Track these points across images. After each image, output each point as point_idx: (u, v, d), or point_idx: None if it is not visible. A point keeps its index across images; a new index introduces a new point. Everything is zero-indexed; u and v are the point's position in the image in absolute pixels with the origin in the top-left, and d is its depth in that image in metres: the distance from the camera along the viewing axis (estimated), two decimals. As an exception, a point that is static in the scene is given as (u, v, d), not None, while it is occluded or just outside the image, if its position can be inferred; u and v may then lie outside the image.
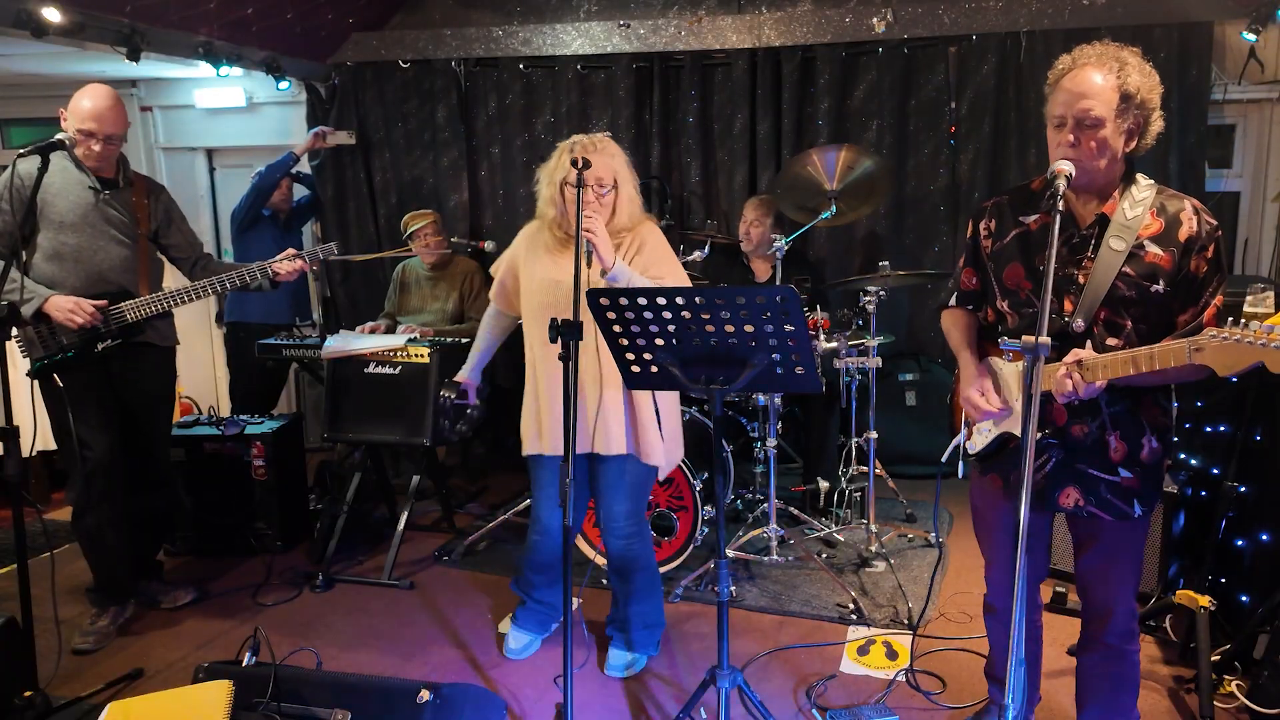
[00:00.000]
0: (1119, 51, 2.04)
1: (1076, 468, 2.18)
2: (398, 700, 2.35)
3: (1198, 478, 3.45)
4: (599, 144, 2.85)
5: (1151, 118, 2.05)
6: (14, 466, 2.71)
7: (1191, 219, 2.05)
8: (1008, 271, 2.23)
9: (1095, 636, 2.34)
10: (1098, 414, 2.14)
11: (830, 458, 4.45)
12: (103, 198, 3.29)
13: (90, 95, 3.20)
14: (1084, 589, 2.34)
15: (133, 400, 3.44)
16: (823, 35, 4.82)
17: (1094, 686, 2.39)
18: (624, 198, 2.87)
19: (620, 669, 3.11)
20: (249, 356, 4.73)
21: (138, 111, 5.81)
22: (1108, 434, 2.15)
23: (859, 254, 5.09)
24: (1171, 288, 2.05)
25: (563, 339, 2.36)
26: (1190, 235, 2.04)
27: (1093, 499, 2.18)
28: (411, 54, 5.34)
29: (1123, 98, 2.00)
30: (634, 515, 3.02)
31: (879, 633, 3.34)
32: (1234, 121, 4.71)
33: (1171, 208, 2.07)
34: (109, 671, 3.13)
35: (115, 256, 3.31)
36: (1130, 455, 2.15)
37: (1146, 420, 2.15)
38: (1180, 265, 2.04)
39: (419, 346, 3.87)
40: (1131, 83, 2.00)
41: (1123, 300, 2.07)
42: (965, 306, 2.39)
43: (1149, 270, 2.05)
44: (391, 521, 4.38)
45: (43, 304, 3.14)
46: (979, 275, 2.35)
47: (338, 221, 5.61)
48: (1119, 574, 2.26)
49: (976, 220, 2.32)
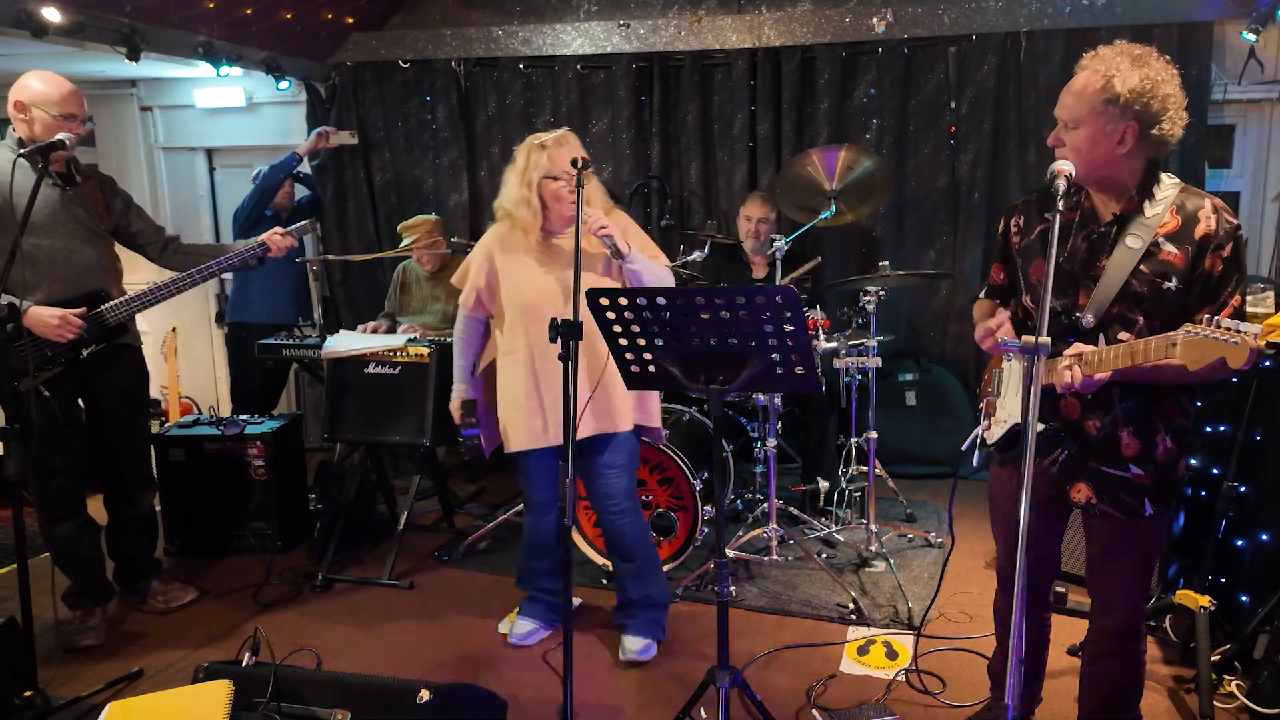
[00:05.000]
0: (1127, 54, 2.04)
1: (1089, 464, 2.19)
2: (398, 700, 2.35)
3: (1198, 478, 3.45)
4: (567, 137, 2.93)
5: (1159, 119, 2.03)
6: (14, 466, 2.70)
7: (1210, 217, 2.04)
8: (1033, 267, 2.26)
9: (1100, 635, 2.33)
10: (1110, 409, 2.14)
11: (830, 458, 4.45)
12: (68, 196, 3.17)
13: (48, 80, 3.06)
14: (1092, 585, 2.34)
15: (110, 404, 3.37)
16: (823, 35, 4.83)
17: (1096, 686, 2.39)
18: (595, 186, 2.93)
19: (637, 654, 3.16)
20: (249, 356, 4.73)
21: (138, 111, 5.82)
22: (1119, 429, 2.15)
23: (859, 254, 5.09)
24: (1185, 285, 2.04)
25: (563, 339, 2.37)
26: (1207, 233, 2.03)
27: (1105, 496, 2.18)
28: (411, 54, 5.34)
29: (1106, 101, 2.01)
30: (632, 491, 3.14)
31: (879, 633, 3.34)
32: (1234, 121, 4.71)
33: (1190, 205, 2.07)
34: (109, 671, 3.13)
35: (90, 256, 3.22)
36: (1142, 452, 2.14)
37: (1161, 418, 2.14)
38: (1194, 263, 2.03)
39: (419, 346, 3.87)
40: (1118, 86, 2.00)
41: (1135, 296, 2.07)
42: (994, 300, 2.45)
43: (1162, 267, 2.05)
44: (391, 521, 4.38)
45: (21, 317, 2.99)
46: (1007, 271, 2.40)
47: (338, 221, 5.61)
48: (1126, 573, 2.25)
49: (1008, 217, 2.37)
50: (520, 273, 2.97)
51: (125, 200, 3.41)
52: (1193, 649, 2.89)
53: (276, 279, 5.07)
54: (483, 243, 3.11)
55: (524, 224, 2.93)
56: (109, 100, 5.80)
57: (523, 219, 2.92)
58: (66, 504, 3.28)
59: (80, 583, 3.41)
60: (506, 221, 3.00)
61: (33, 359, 3.08)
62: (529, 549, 3.28)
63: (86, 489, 3.38)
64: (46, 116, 3.08)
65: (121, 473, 3.50)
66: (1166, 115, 2.03)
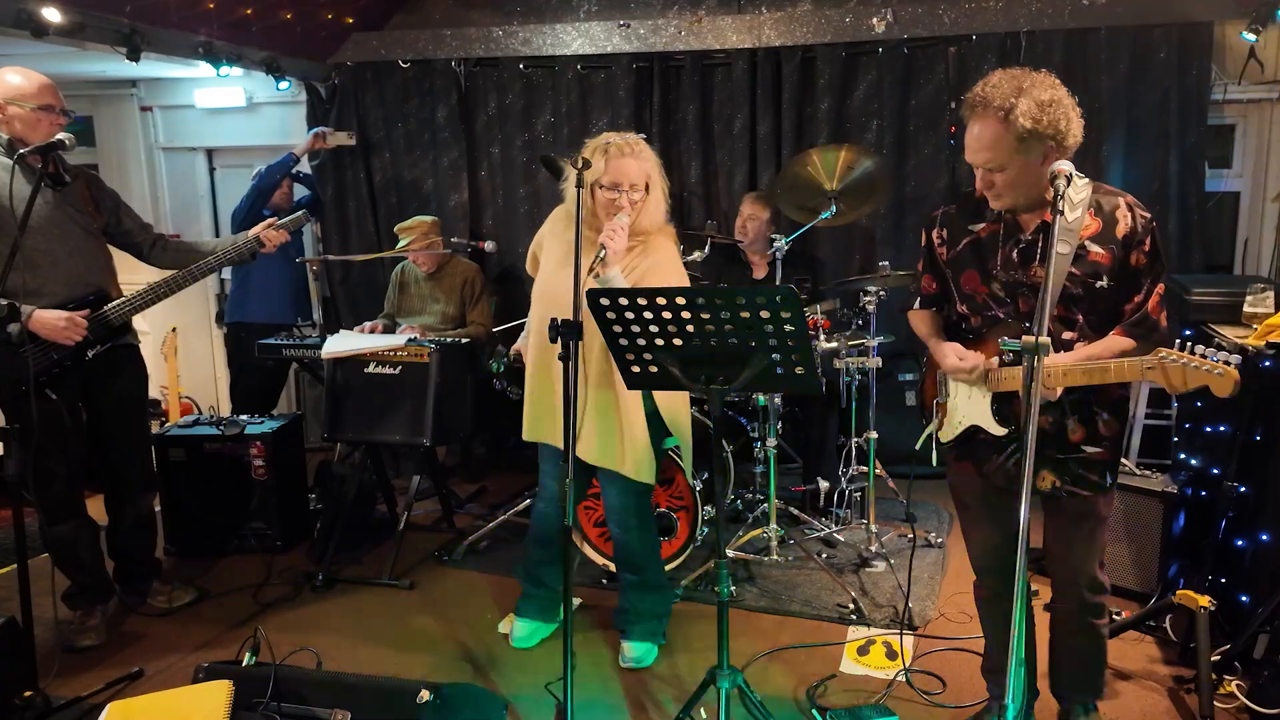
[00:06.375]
0: (1016, 84, 2.09)
1: (1045, 453, 2.30)
2: (398, 700, 2.35)
3: (1198, 478, 3.45)
4: (635, 146, 2.82)
5: (1064, 132, 2.11)
6: (14, 467, 2.70)
7: (1126, 215, 2.19)
8: (964, 278, 2.37)
9: (1064, 609, 2.48)
10: (1059, 404, 2.28)
11: (830, 458, 4.45)
12: (60, 196, 3.14)
13: (21, 74, 3.03)
14: (1056, 563, 2.47)
15: (111, 404, 3.36)
16: (823, 35, 4.82)
17: (1064, 659, 2.54)
18: (652, 202, 2.86)
19: (635, 661, 3.15)
20: (249, 356, 4.73)
21: (138, 111, 5.82)
22: (1066, 419, 2.29)
23: (859, 254, 5.09)
24: (1115, 282, 2.20)
25: (563, 339, 2.37)
26: (1127, 232, 2.18)
27: (1067, 478, 2.32)
28: (411, 54, 5.34)
29: (1019, 138, 2.09)
30: (641, 509, 3.09)
31: (879, 633, 3.34)
32: (1234, 121, 4.70)
33: (1107, 205, 2.21)
34: (109, 671, 3.13)
35: (88, 256, 3.21)
36: (1090, 434, 2.29)
37: (1100, 401, 2.28)
38: (1121, 260, 2.18)
39: (419, 346, 3.87)
40: (1022, 124, 2.06)
41: (1072, 297, 2.22)
42: (929, 308, 2.56)
43: (1093, 268, 2.20)
44: (391, 521, 4.38)
45: (27, 321, 2.98)
46: (938, 280, 2.50)
47: (338, 221, 5.60)
48: (1086, 545, 2.39)
49: (929, 229, 2.47)
50: (553, 258, 2.96)
51: (113, 198, 3.40)
52: (1193, 649, 2.89)
53: (276, 279, 5.07)
54: (550, 217, 3.10)
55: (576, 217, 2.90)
56: (109, 100, 5.80)
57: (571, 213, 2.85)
58: (66, 505, 3.28)
59: (80, 583, 3.41)
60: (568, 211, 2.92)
61: (41, 363, 3.08)
62: (534, 536, 3.28)
63: (84, 489, 3.37)
64: (24, 111, 3.05)
65: (122, 472, 3.49)
66: (1069, 122, 2.12)
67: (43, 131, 3.06)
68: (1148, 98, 4.48)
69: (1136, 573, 3.46)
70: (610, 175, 2.78)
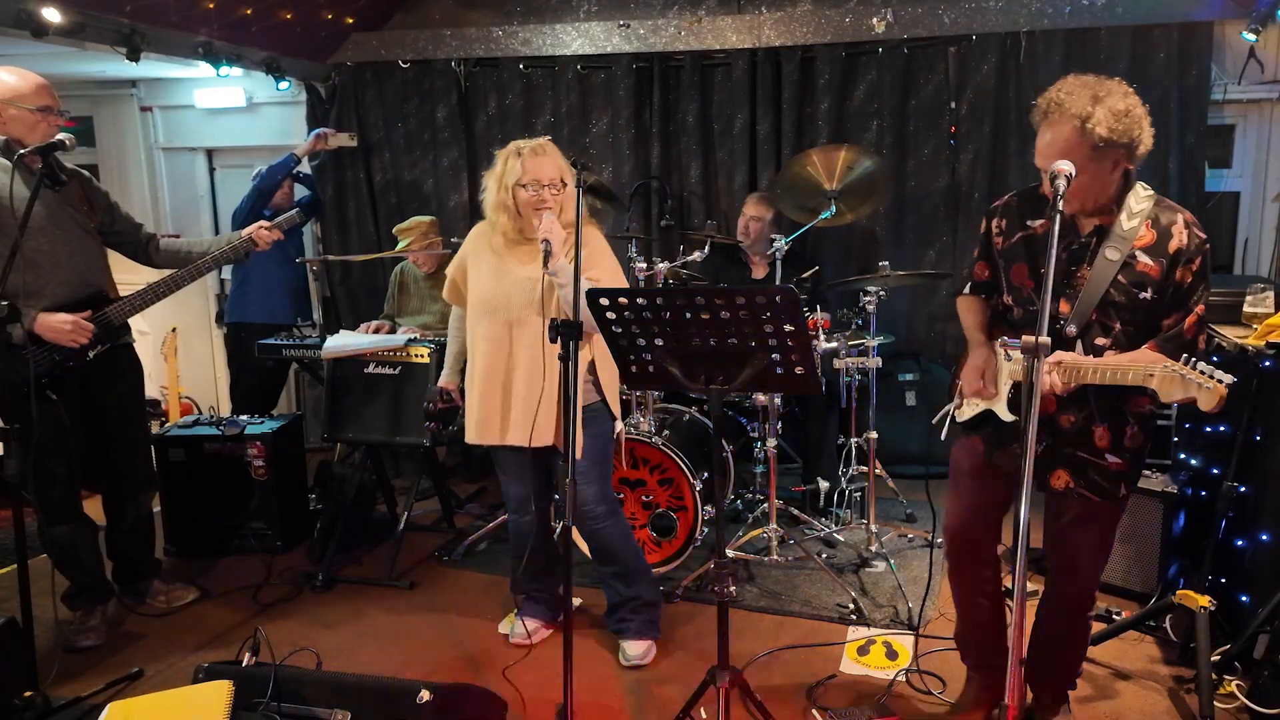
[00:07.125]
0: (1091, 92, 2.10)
1: (1065, 452, 2.33)
2: (398, 700, 2.35)
3: (1198, 478, 3.45)
4: (545, 146, 2.97)
5: (1136, 141, 2.13)
6: (14, 467, 2.70)
7: (1182, 232, 2.20)
8: (1014, 270, 2.38)
9: (1058, 600, 2.53)
10: (1085, 405, 2.29)
11: (830, 458, 4.45)
12: (57, 196, 3.12)
13: (17, 74, 3.02)
14: (1057, 557, 2.51)
15: (111, 403, 3.36)
16: (823, 35, 4.82)
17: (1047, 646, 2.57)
18: (570, 197, 2.96)
19: (637, 659, 3.16)
20: (249, 356, 4.72)
21: (138, 111, 5.82)
22: (1094, 424, 2.30)
23: (859, 254, 5.09)
24: (1159, 295, 2.20)
25: (562, 339, 2.37)
26: (1179, 248, 2.19)
27: (1082, 481, 2.34)
28: (411, 54, 5.34)
29: (1093, 149, 2.10)
30: (603, 495, 3.11)
31: (879, 633, 3.34)
32: (1234, 121, 4.70)
33: (1165, 220, 2.22)
34: (109, 671, 3.13)
35: (87, 256, 3.21)
36: (1114, 443, 2.30)
37: (1131, 410, 2.29)
38: (1168, 275, 2.19)
39: (419, 346, 3.87)
40: (1098, 132, 2.08)
41: (1114, 305, 2.22)
42: (978, 294, 2.57)
43: (1139, 279, 2.20)
44: (391, 521, 4.38)
45: (31, 324, 2.98)
46: (991, 268, 2.51)
47: (338, 221, 5.61)
48: (1092, 544, 2.43)
49: (990, 218, 2.49)
50: (485, 272, 3.04)
51: (106, 197, 3.40)
52: (1193, 649, 2.89)
53: (276, 279, 5.07)
54: (466, 239, 3.19)
55: (503, 227, 3.00)
56: (109, 100, 5.80)
57: (502, 223, 2.99)
58: (66, 506, 3.28)
59: (80, 583, 3.40)
60: (490, 223, 3.05)
61: (44, 364, 3.07)
62: (516, 551, 3.28)
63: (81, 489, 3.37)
64: (23, 112, 3.05)
65: (122, 472, 3.49)
66: (1142, 132, 2.14)
67: (41, 133, 3.06)
68: (1148, 98, 4.37)
69: (1136, 573, 3.46)
70: (529, 175, 2.91)
